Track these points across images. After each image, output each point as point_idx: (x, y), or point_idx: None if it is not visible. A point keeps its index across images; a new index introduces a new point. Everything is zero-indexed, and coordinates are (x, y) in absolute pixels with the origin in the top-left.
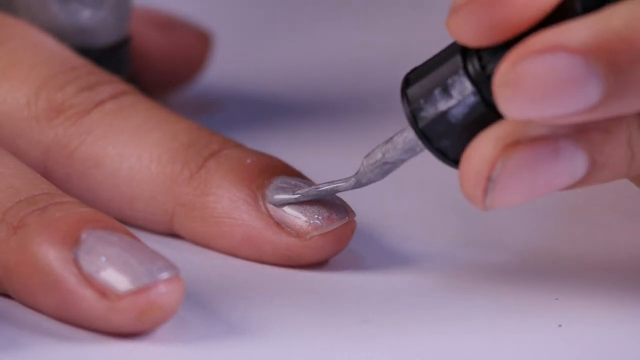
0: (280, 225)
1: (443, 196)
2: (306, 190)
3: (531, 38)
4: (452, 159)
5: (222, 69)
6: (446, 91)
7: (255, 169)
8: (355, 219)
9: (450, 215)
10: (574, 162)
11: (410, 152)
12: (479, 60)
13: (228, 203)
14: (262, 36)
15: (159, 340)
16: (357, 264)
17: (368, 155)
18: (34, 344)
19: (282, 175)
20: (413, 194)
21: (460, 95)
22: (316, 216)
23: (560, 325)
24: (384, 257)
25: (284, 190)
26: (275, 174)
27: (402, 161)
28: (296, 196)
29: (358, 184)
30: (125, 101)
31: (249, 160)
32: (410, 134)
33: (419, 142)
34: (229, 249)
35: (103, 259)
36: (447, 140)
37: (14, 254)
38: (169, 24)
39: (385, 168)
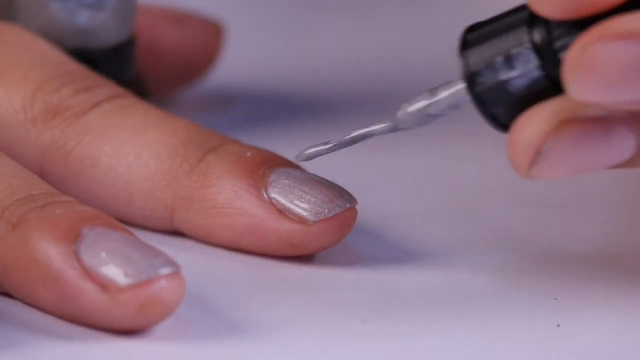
0: (282, 212)
1: (443, 196)
2: (339, 139)
3: (608, 22)
4: (503, 124)
5: (230, 68)
6: (509, 62)
7: (256, 162)
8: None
9: (450, 215)
10: (624, 145)
11: (455, 108)
12: (547, 34)
13: (230, 194)
14: (271, 34)
15: (159, 339)
16: (356, 264)
17: (409, 102)
18: (34, 344)
19: (283, 167)
20: (413, 194)
21: (524, 67)
22: (319, 202)
23: (559, 326)
24: (384, 257)
25: (315, 145)
26: (276, 166)
27: (445, 116)
28: (330, 146)
29: (394, 129)
30: (123, 102)
31: (249, 154)
32: (458, 90)
33: (466, 100)
34: (231, 239)
35: (104, 254)
36: (502, 108)
37: (13, 250)
38: (180, 18)
39: (426, 119)
